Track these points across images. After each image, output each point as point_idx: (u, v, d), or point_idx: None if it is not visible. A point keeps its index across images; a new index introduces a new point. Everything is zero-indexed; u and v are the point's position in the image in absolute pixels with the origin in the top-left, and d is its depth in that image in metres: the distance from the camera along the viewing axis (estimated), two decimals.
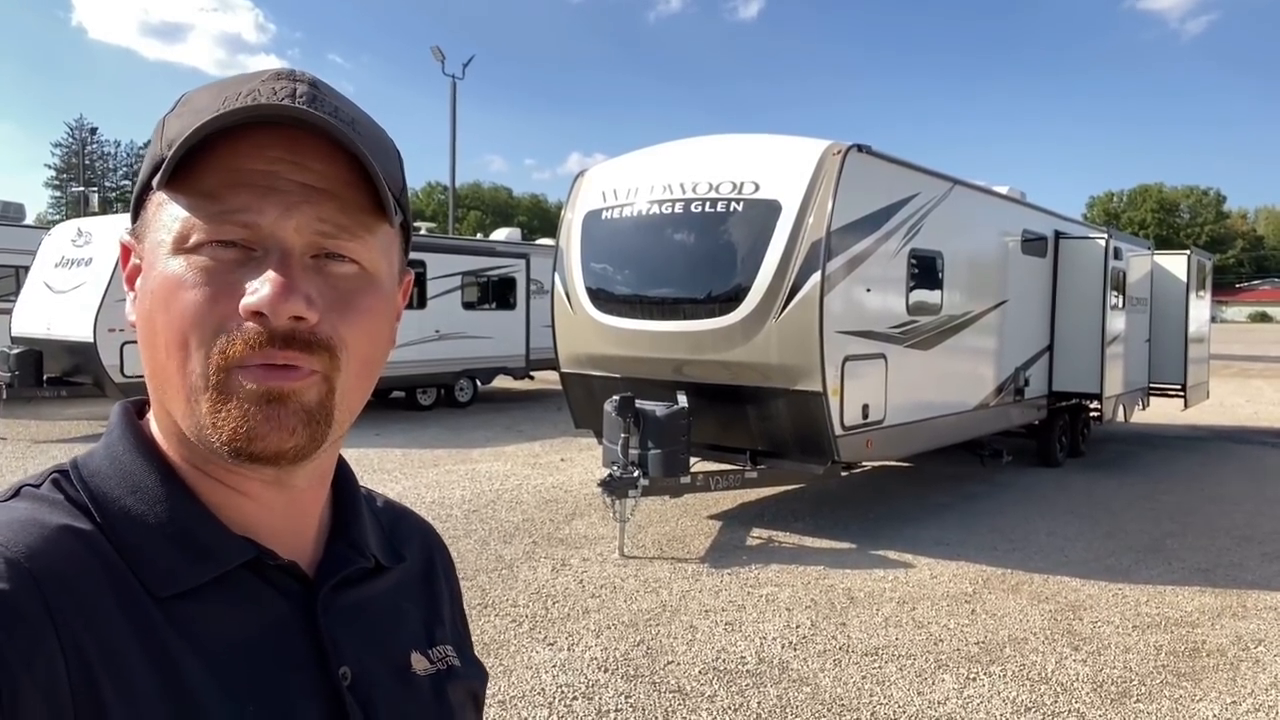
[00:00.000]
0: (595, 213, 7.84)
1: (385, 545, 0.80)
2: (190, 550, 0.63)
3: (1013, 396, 9.61)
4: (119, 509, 0.64)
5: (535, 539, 6.86)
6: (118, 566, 0.61)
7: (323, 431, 0.64)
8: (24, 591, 0.55)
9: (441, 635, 0.82)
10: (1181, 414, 13.88)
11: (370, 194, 0.64)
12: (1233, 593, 5.97)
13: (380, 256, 0.67)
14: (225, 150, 0.61)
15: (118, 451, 0.67)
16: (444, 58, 28.46)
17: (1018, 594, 5.86)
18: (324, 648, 0.67)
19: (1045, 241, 10.35)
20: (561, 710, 4.06)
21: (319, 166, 0.63)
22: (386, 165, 0.66)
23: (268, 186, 0.61)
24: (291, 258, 0.62)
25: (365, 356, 0.66)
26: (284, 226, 0.61)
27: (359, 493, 0.80)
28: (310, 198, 0.62)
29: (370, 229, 0.65)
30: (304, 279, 0.62)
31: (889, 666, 4.63)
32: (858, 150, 6.83)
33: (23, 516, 0.61)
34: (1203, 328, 13.56)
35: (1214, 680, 4.58)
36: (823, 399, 6.56)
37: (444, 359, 14.42)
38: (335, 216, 0.63)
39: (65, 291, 11.95)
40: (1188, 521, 7.94)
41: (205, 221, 0.61)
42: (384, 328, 0.69)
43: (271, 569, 0.67)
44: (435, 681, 0.77)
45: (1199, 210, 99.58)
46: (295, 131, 0.62)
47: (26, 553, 0.57)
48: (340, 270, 0.64)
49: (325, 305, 0.62)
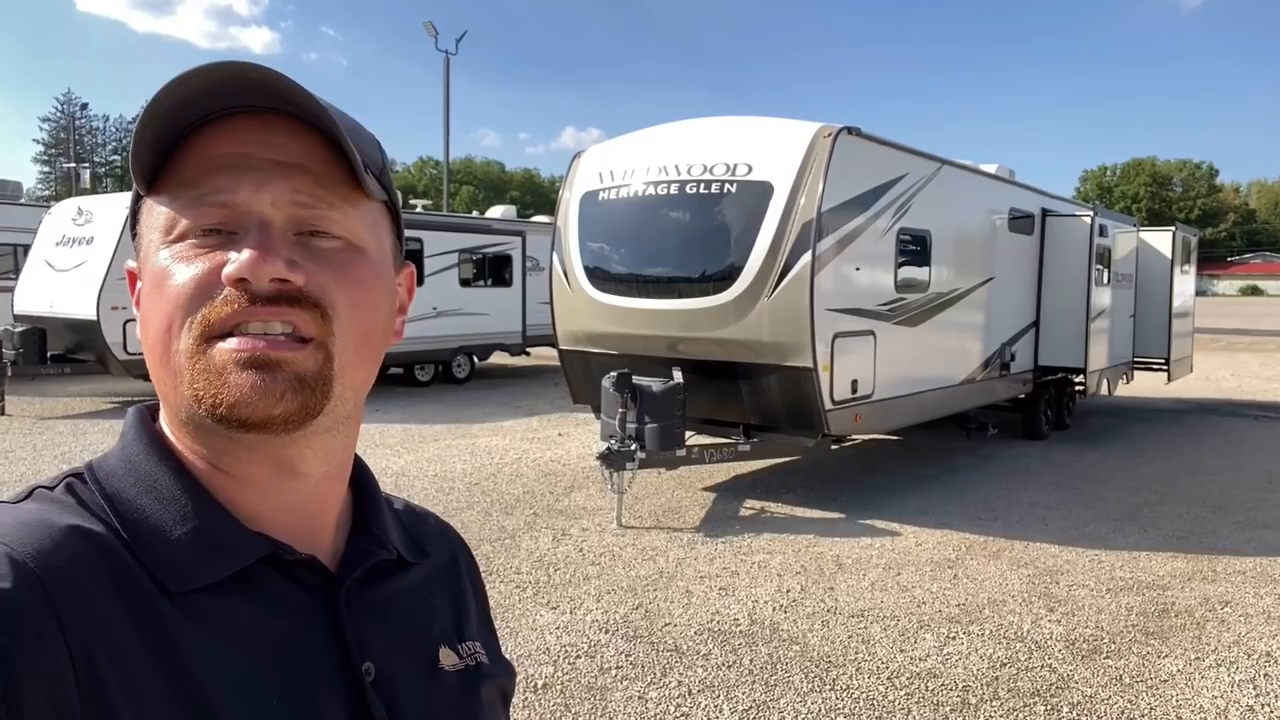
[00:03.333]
0: (592, 193, 8.03)
1: (408, 541, 0.80)
2: (205, 547, 0.63)
3: (999, 371, 9.87)
4: (133, 508, 0.64)
5: (536, 510, 7.11)
6: (129, 566, 0.60)
7: (318, 401, 0.63)
8: (30, 593, 0.55)
9: (470, 632, 0.81)
10: (1166, 387, 14.17)
11: (345, 169, 0.65)
12: (1204, 558, 6.26)
13: (365, 231, 0.67)
14: (197, 142, 0.63)
15: (131, 452, 0.67)
16: (436, 33, 28.37)
17: (998, 560, 6.13)
18: (346, 643, 0.67)
19: (1032, 219, 10.57)
20: (565, 667, 4.32)
21: (292, 144, 0.64)
22: (360, 144, 0.65)
23: (242, 167, 0.62)
24: (271, 229, 0.62)
25: (363, 329, 0.66)
26: (260, 200, 0.62)
27: (379, 490, 0.80)
28: (284, 173, 0.63)
29: (349, 201, 0.66)
30: (285, 246, 0.62)
31: (874, 627, 4.90)
32: (848, 132, 7.02)
33: (32, 518, 0.60)
34: (1187, 302, 13.81)
35: (1180, 638, 4.85)
36: (813, 374, 6.80)
37: (441, 336, 14.61)
38: (311, 188, 0.64)
39: (67, 270, 12.10)
40: (1165, 491, 8.23)
41: (185, 207, 0.62)
42: (380, 300, 0.68)
43: (290, 564, 0.67)
44: (464, 678, 0.77)
45: (1191, 184, 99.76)
46: (267, 115, 0.63)
47: (33, 554, 0.57)
48: (326, 245, 0.65)
49: (313, 269, 0.63)
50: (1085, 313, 10.52)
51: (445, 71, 28.69)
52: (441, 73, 28.73)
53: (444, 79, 28.76)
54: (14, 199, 16.50)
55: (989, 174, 10.05)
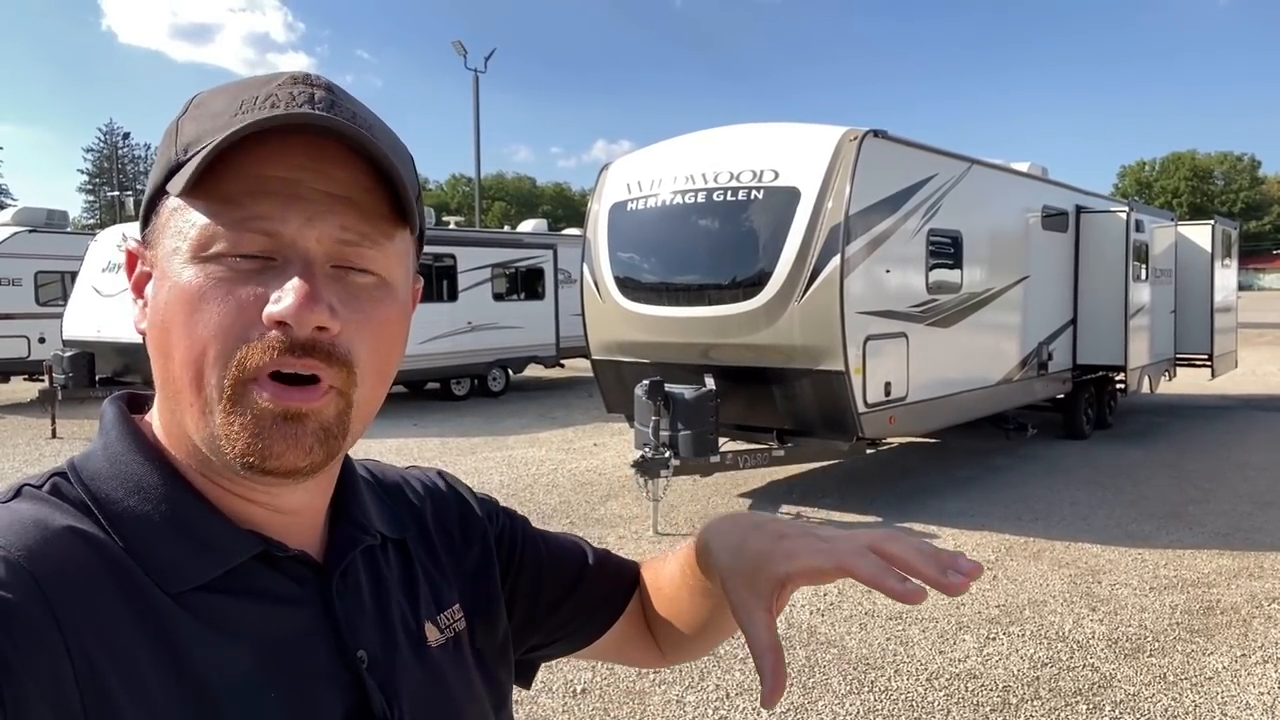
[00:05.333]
0: (621, 204, 8.10)
1: (388, 517, 0.79)
2: (197, 546, 0.63)
3: (1036, 370, 9.76)
4: (122, 509, 0.62)
5: (573, 519, 7.17)
6: (125, 565, 0.60)
7: (338, 446, 0.64)
8: (25, 594, 0.54)
9: (449, 597, 0.80)
10: (1211, 383, 13.90)
11: (389, 200, 0.64)
12: (1250, 555, 6.14)
13: (397, 265, 0.66)
14: (245, 156, 0.60)
15: (116, 452, 0.65)
16: (466, 52, 28.77)
17: (1039, 560, 6.07)
18: (340, 632, 0.67)
19: (1066, 216, 10.46)
20: (604, 672, 4.35)
21: (341, 173, 0.62)
22: (404, 170, 0.64)
23: (291, 195, 0.60)
24: (314, 267, 0.61)
25: (379, 370, 0.66)
26: (306, 236, 0.61)
27: (354, 471, 0.78)
28: (334, 207, 0.61)
29: (390, 236, 0.65)
30: (327, 289, 0.61)
31: (912, 629, 4.88)
32: (874, 135, 7.03)
33: (25, 518, 0.59)
34: (1229, 296, 13.57)
35: (1225, 635, 4.78)
36: (845, 378, 6.79)
37: (476, 349, 14.76)
38: (357, 225, 0.62)
39: (113, 295, 12.47)
40: (1210, 488, 8.08)
41: (226, 229, 0.60)
42: (398, 339, 0.68)
43: (282, 560, 0.67)
44: (447, 651, 0.77)
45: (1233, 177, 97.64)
46: (317, 138, 0.61)
47: (28, 555, 0.56)
48: (360, 281, 0.63)
49: (346, 315, 0.62)
50: (1124, 309, 10.38)
51: (475, 89, 29.07)
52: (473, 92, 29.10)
53: (474, 96, 29.13)
54: (60, 228, 16.96)
55: (1020, 172, 9.98)
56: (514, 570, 0.89)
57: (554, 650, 0.95)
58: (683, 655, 0.99)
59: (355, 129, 0.61)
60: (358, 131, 0.61)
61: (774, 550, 0.71)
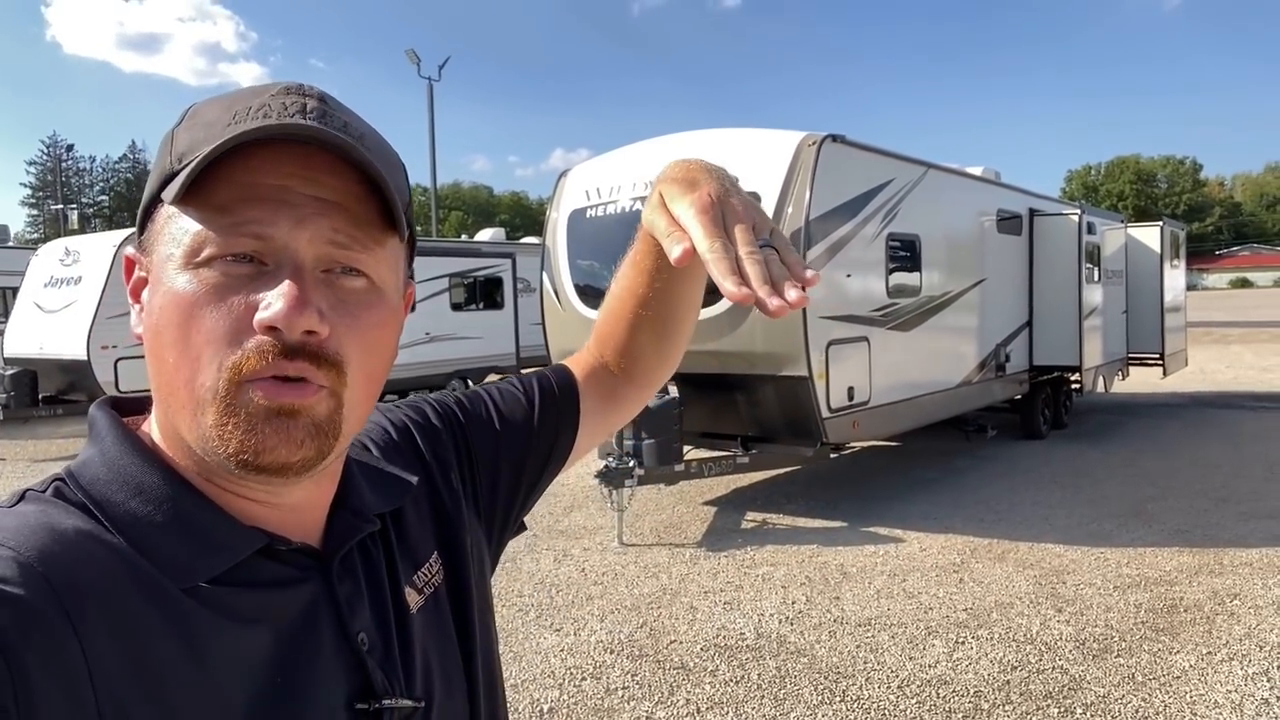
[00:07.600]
0: (580, 211, 8.02)
1: (379, 495, 0.80)
2: (202, 543, 0.64)
3: (995, 372, 9.85)
4: (124, 511, 0.63)
5: (536, 532, 7.04)
6: (135, 561, 0.61)
7: (330, 444, 0.65)
8: (38, 595, 0.55)
9: (425, 552, 0.82)
10: (1163, 382, 14.16)
11: (379, 207, 0.66)
12: (1210, 551, 6.21)
13: (388, 270, 0.68)
14: (237, 165, 0.61)
15: (114, 456, 0.66)
16: (419, 60, 28.54)
17: (1004, 562, 6.08)
18: (342, 618, 0.70)
19: (1020, 219, 10.57)
20: (571, 690, 4.25)
21: (331, 181, 0.63)
22: (394, 178, 0.66)
23: (281, 200, 0.62)
24: (304, 270, 0.62)
25: (370, 371, 0.67)
26: (297, 238, 0.62)
27: (351, 461, 0.80)
28: (323, 210, 0.63)
29: (380, 242, 0.66)
30: (316, 293, 0.62)
31: (881, 635, 4.84)
32: (832, 140, 7.02)
33: (32, 521, 0.60)
34: (1178, 296, 13.83)
35: (1191, 633, 4.80)
36: (809, 383, 6.76)
37: (435, 360, 14.55)
38: (347, 229, 0.64)
39: (56, 311, 12.04)
40: (1168, 485, 8.19)
41: (218, 234, 0.61)
42: (389, 342, 0.70)
43: (284, 552, 0.68)
44: (428, 611, 0.79)
45: (1176, 179, 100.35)
46: (307, 147, 0.63)
47: (39, 556, 0.57)
48: (350, 284, 0.65)
49: (336, 319, 0.63)
50: (1078, 311, 10.51)
51: (429, 98, 28.82)
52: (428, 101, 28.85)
53: (428, 105, 28.88)
54: (1, 242, 16.43)
55: (975, 176, 10.06)
56: (475, 464, 0.95)
57: (545, 482, 1.04)
58: (652, 365, 1.11)
59: (343, 138, 0.63)
60: (345, 140, 0.62)
61: (681, 197, 0.77)
